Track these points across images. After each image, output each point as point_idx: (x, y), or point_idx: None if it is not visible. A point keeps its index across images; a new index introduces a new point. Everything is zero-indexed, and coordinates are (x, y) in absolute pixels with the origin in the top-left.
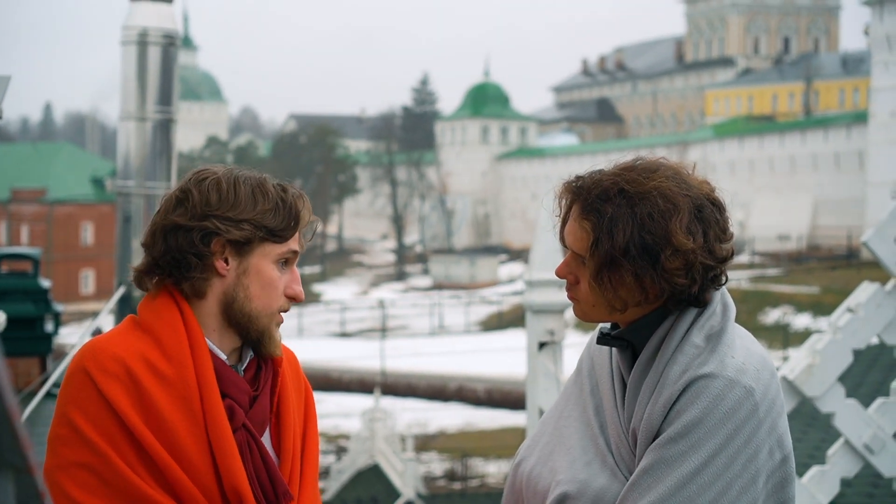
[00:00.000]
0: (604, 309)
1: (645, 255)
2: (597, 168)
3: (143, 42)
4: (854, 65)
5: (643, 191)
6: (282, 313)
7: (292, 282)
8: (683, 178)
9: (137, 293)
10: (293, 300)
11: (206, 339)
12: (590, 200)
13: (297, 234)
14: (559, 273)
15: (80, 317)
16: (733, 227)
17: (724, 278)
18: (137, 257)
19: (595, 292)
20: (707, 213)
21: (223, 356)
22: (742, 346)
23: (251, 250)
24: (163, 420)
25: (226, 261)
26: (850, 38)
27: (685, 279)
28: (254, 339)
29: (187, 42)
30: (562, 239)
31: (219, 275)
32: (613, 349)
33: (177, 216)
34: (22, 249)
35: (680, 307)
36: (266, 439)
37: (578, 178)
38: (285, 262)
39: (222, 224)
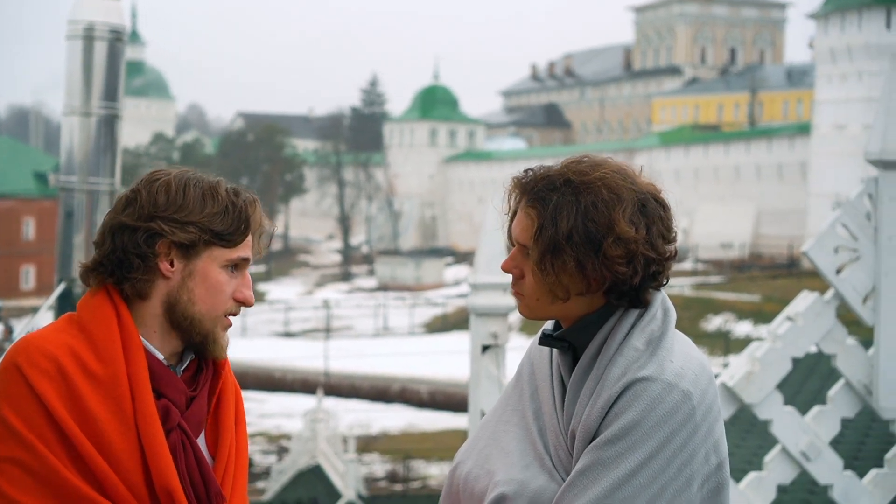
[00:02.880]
0: (547, 301)
1: (588, 243)
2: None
3: (89, 37)
4: (798, 77)
5: (588, 181)
6: (230, 317)
7: (242, 286)
8: (629, 174)
9: (78, 290)
10: (242, 304)
11: (143, 340)
12: (536, 190)
13: (247, 240)
14: (505, 267)
15: (20, 312)
16: (677, 232)
17: (665, 279)
18: (79, 253)
19: (538, 280)
20: (651, 208)
21: (160, 356)
22: (681, 350)
23: (198, 253)
24: (92, 419)
25: (171, 263)
26: (795, 50)
27: (626, 268)
28: (196, 342)
29: (135, 38)
30: (509, 237)
31: (163, 276)
32: (554, 352)
33: (125, 216)
34: None
35: (621, 302)
36: (200, 440)
37: (527, 171)
38: (235, 266)
39: (167, 225)
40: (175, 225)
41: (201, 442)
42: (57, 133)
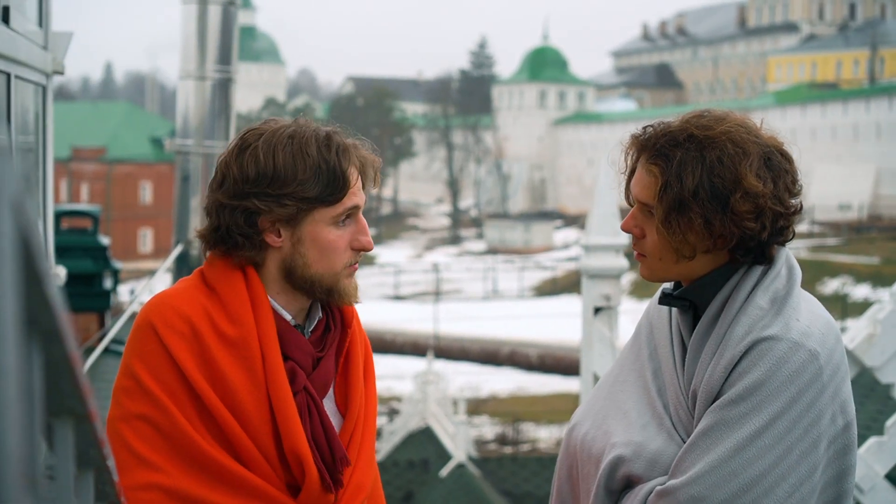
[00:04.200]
0: (671, 260)
1: (714, 199)
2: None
3: (203, 1)
4: None
5: (712, 135)
6: (354, 264)
7: (358, 233)
8: (752, 128)
9: (195, 252)
10: (362, 251)
11: (271, 300)
12: (658, 146)
13: (353, 189)
14: (625, 227)
15: (138, 275)
16: (802, 185)
17: (791, 234)
18: (196, 216)
19: (663, 239)
20: (776, 161)
21: (289, 317)
22: (807, 309)
23: (302, 219)
24: (225, 379)
25: (278, 233)
26: None
27: (755, 223)
28: (321, 297)
29: (246, 3)
30: (627, 196)
31: (273, 247)
32: (674, 312)
33: (221, 194)
34: (82, 206)
35: (747, 258)
36: (329, 399)
37: (646, 128)
38: (347, 216)
39: (263, 203)
40: (271, 200)
41: (328, 403)
42: (172, 98)
